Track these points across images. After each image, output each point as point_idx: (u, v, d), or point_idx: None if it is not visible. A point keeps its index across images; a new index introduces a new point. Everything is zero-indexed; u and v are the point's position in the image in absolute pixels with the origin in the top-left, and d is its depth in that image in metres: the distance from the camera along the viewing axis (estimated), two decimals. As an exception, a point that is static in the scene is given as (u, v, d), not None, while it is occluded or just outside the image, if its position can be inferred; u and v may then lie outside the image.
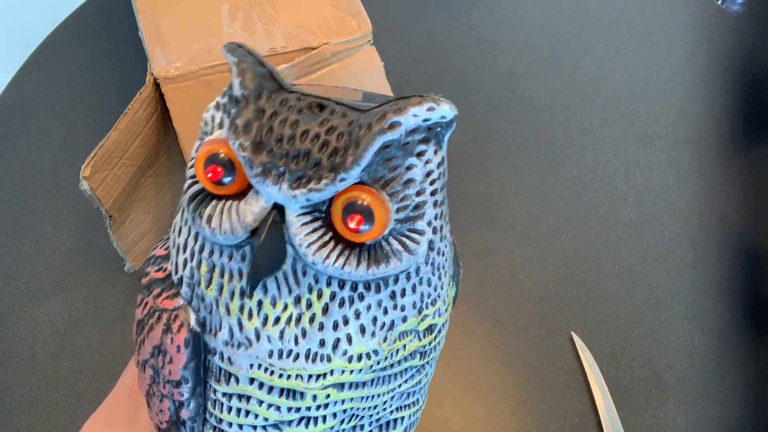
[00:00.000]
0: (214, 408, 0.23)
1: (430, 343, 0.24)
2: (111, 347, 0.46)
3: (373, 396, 0.23)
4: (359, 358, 0.21)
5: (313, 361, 0.21)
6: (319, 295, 0.21)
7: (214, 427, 0.24)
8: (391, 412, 0.25)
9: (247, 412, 0.22)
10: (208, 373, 0.23)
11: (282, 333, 0.21)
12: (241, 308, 0.21)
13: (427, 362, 0.25)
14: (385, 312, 0.21)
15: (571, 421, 0.43)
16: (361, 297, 0.21)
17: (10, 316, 0.48)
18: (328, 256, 0.20)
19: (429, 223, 0.21)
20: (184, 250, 0.22)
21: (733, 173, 0.55)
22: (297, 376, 0.21)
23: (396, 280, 0.21)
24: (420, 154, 0.20)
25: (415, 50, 0.63)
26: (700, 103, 0.60)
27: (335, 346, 0.21)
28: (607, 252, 0.51)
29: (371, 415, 0.24)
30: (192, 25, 0.42)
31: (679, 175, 0.55)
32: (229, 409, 0.23)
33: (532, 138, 0.58)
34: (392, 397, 0.24)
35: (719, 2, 0.86)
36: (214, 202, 0.21)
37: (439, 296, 0.23)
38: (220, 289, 0.21)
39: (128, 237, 0.46)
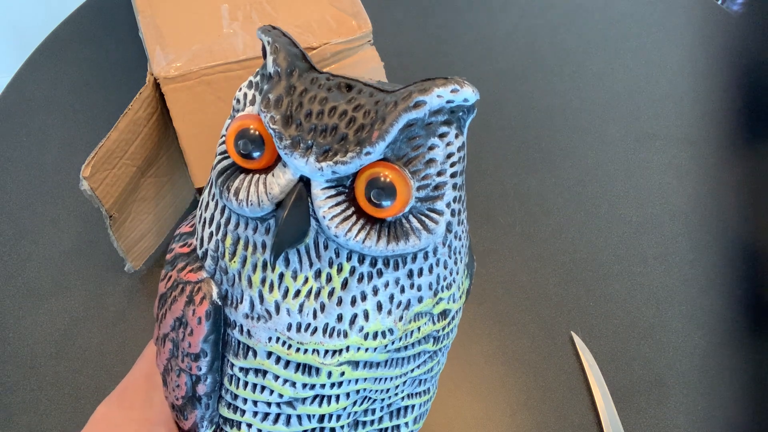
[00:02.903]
0: (231, 383, 0.23)
1: (443, 328, 0.24)
2: (111, 347, 0.46)
3: (386, 378, 0.23)
4: (375, 335, 0.22)
5: (330, 335, 0.21)
6: (339, 270, 0.21)
7: (229, 404, 0.24)
8: (403, 398, 0.25)
9: (263, 388, 0.23)
10: (226, 347, 0.23)
11: (301, 306, 0.21)
12: (263, 281, 0.21)
13: (440, 349, 0.25)
14: (402, 291, 0.22)
15: (571, 421, 0.43)
16: (380, 273, 0.21)
17: (10, 316, 0.48)
18: (350, 230, 0.20)
19: (448, 205, 0.22)
20: (210, 224, 0.22)
21: (733, 173, 0.55)
22: (314, 350, 0.21)
23: (414, 259, 0.21)
24: (442, 136, 0.21)
25: (415, 50, 0.63)
26: (700, 103, 0.60)
27: (352, 322, 0.21)
28: (607, 252, 0.51)
29: (383, 399, 0.24)
30: (192, 25, 0.42)
31: (679, 175, 0.55)
32: (245, 384, 0.23)
33: (532, 138, 0.58)
34: (405, 382, 0.24)
35: (719, 2, 0.86)
36: (242, 176, 0.21)
37: (454, 281, 0.23)
38: (244, 261, 0.22)
39: (128, 237, 0.46)
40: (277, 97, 0.20)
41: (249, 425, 0.24)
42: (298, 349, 0.22)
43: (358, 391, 0.23)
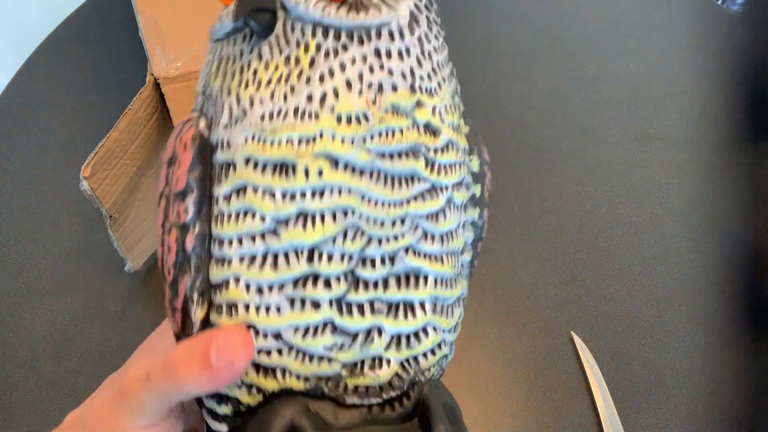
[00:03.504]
0: (217, 224, 0.23)
1: (434, 150, 0.23)
2: (111, 347, 0.46)
3: (376, 201, 0.22)
4: (348, 120, 0.22)
5: (302, 117, 0.22)
6: (306, 48, 0.22)
7: (217, 260, 0.23)
8: (407, 252, 0.23)
9: (245, 215, 0.22)
10: (212, 183, 0.23)
11: (273, 93, 0.22)
12: (240, 83, 0.23)
13: (440, 188, 0.23)
14: (371, 70, 0.22)
15: (571, 421, 0.43)
16: (345, 47, 0.22)
17: (10, 316, 0.48)
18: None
19: None
20: (203, 71, 0.25)
21: (733, 173, 0.55)
22: (287, 140, 0.22)
23: (379, 35, 0.22)
24: None
25: (415, 50, 0.63)
26: (700, 103, 0.60)
27: (322, 101, 0.22)
28: (607, 252, 0.51)
29: (381, 242, 0.22)
30: (192, 25, 0.42)
31: (679, 175, 0.55)
32: (229, 217, 0.22)
33: (532, 138, 0.58)
34: (402, 222, 0.23)
35: (719, 2, 0.86)
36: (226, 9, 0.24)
37: (436, 92, 0.23)
38: (224, 75, 0.23)
39: (128, 237, 0.46)
40: None
41: (237, 280, 0.22)
42: (272, 143, 0.22)
43: (345, 214, 0.22)
